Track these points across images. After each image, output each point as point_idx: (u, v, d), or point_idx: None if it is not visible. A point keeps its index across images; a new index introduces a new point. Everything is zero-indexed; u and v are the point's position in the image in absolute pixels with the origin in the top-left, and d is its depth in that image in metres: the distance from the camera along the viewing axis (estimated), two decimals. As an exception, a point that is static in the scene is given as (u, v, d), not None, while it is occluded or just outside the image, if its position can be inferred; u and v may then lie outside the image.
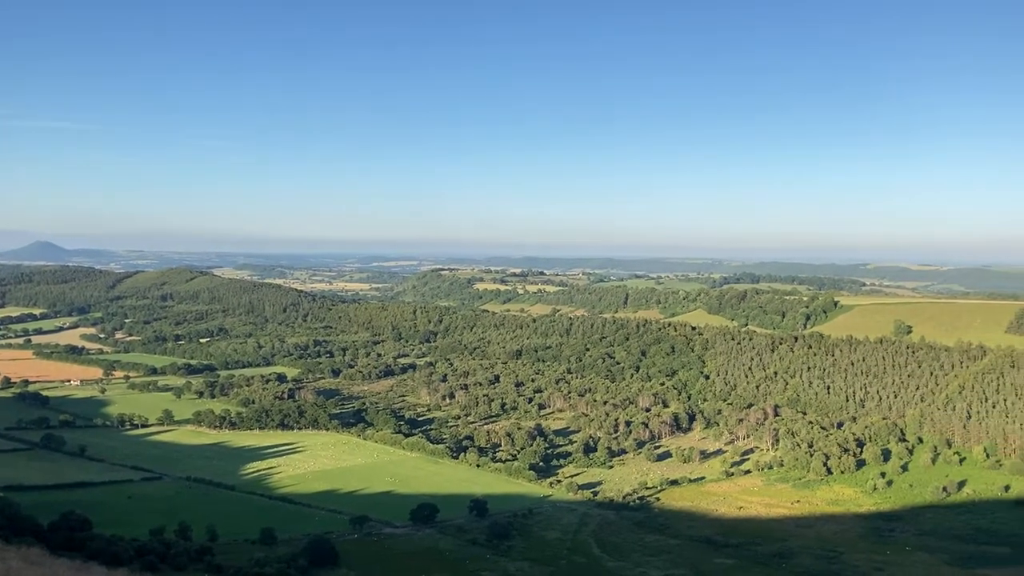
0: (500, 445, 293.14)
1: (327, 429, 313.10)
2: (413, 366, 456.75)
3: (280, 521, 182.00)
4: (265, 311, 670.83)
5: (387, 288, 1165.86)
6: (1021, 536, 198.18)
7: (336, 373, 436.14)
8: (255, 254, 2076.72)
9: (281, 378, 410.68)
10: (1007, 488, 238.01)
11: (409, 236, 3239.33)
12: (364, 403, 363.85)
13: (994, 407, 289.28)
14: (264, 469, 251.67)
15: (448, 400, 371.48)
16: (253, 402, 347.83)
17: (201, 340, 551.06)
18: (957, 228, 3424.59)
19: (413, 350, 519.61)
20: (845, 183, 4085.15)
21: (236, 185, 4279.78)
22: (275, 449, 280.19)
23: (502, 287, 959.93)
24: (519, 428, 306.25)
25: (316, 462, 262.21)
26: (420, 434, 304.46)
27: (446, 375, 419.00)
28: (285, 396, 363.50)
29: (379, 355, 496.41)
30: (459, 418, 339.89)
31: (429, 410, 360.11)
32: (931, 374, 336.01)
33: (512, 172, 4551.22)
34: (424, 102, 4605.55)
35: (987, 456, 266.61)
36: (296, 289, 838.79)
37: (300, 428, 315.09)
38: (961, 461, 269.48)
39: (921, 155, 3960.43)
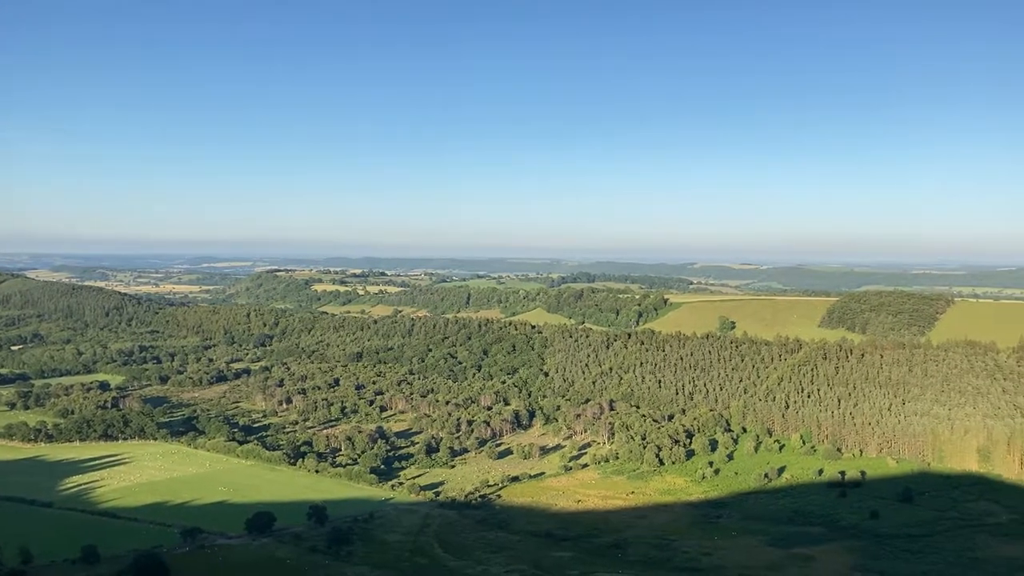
0: (340, 449, 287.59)
1: (155, 439, 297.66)
2: (248, 371, 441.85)
3: (104, 538, 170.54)
4: (85, 315, 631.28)
5: (219, 290, 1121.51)
6: (833, 516, 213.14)
7: (164, 380, 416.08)
8: (74, 255, 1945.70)
9: (104, 386, 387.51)
10: (820, 472, 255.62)
11: (242, 236, 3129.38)
12: (195, 410, 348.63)
13: (809, 397, 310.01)
14: (85, 483, 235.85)
15: (285, 405, 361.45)
16: (73, 412, 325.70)
17: (13, 347, 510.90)
18: (777, 229, 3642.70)
19: (247, 354, 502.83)
20: (673, 185, 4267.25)
21: (46, 181, 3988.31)
22: (98, 461, 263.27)
23: (342, 288, 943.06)
24: (360, 431, 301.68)
25: (143, 474, 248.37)
26: (256, 441, 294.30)
27: (283, 379, 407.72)
28: (108, 405, 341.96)
29: (211, 360, 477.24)
30: (297, 423, 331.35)
31: (265, 416, 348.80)
32: (753, 367, 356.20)
33: (358, 170, 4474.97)
34: (256, 98, 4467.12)
35: (803, 443, 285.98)
36: (120, 292, 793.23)
37: (126, 438, 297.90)
38: (781, 448, 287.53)
39: (742, 160, 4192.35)
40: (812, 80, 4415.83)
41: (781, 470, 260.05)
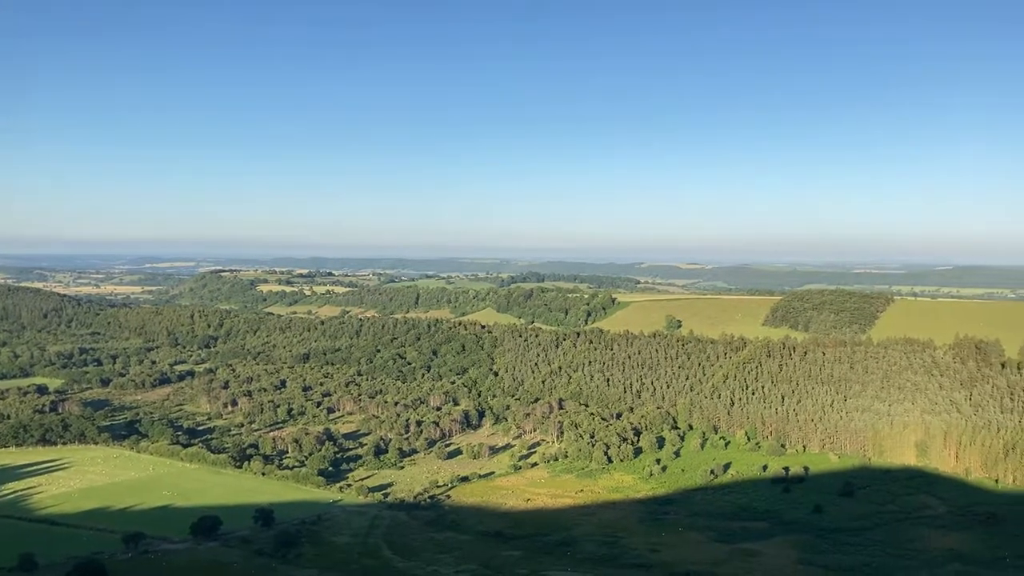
0: (287, 452, 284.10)
1: (96, 443, 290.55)
2: (192, 373, 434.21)
3: (42, 545, 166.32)
4: (22, 317, 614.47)
5: (162, 291, 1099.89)
6: (777, 511, 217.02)
7: (106, 383, 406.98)
8: (9, 255, 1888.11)
9: (41, 389, 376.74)
10: (765, 468, 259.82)
11: (185, 236, 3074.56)
12: (138, 413, 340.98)
13: (753, 394, 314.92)
14: (22, 490, 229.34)
15: (230, 407, 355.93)
16: (8, 417, 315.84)
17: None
18: (720, 230, 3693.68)
19: (191, 356, 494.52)
20: (624, 186, 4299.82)
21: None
22: (35, 467, 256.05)
23: (288, 289, 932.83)
24: (307, 433, 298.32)
25: (84, 479, 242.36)
26: (200, 444, 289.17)
27: (228, 381, 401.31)
28: (46, 409, 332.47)
29: (154, 362, 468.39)
30: (242, 426, 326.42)
31: (210, 418, 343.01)
32: (699, 365, 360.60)
33: (304, 170, 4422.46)
34: (199, 98, 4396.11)
35: (748, 439, 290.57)
36: (59, 293, 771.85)
37: (65, 443, 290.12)
38: (726, 445, 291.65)
39: (689, 162, 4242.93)
40: (753, 83, 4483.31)
41: (727, 466, 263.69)
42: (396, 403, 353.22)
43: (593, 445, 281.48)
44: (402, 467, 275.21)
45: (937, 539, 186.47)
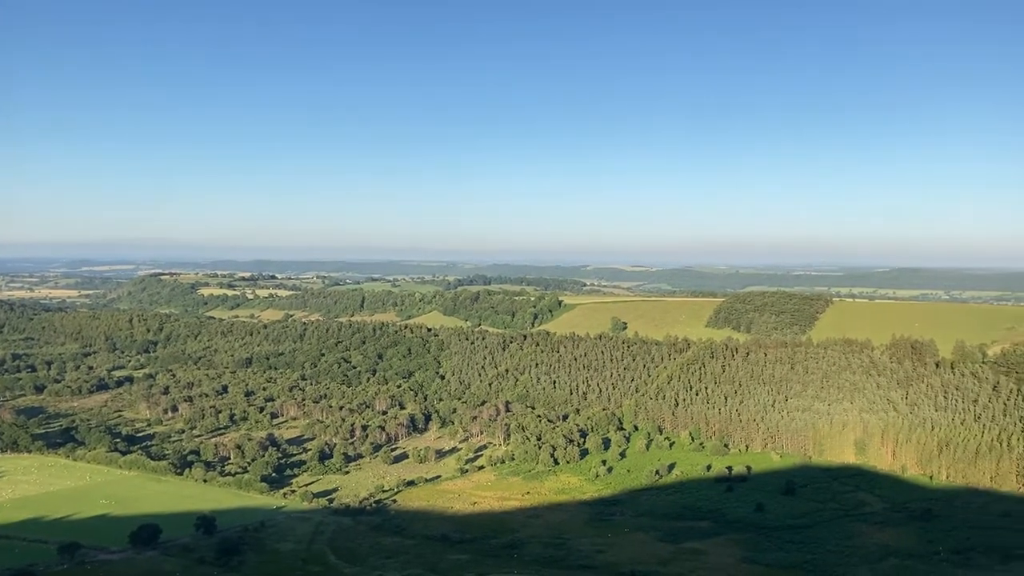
0: (229, 458, 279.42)
1: (29, 451, 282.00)
2: (130, 379, 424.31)
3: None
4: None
5: (99, 295, 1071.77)
6: (721, 510, 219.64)
7: (40, 389, 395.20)
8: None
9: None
10: (709, 467, 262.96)
11: (124, 238, 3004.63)
12: (74, 420, 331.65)
13: (697, 395, 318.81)
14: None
15: (171, 413, 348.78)
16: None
17: None
18: (664, 233, 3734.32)
19: (130, 361, 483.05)
20: (559, 190, 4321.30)
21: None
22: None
23: (230, 292, 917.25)
24: (250, 439, 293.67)
25: (16, 488, 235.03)
26: (140, 451, 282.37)
27: (168, 387, 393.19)
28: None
29: (91, 368, 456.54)
30: (183, 432, 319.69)
31: (150, 425, 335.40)
32: (644, 366, 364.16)
33: (246, 169, 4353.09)
34: (132, 96, 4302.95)
35: (692, 439, 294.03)
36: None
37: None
38: (671, 445, 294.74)
39: (633, 166, 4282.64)
40: (691, 87, 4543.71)
41: (671, 467, 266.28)
42: (341, 407, 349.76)
43: (540, 447, 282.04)
44: (347, 472, 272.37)
45: (875, 535, 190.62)
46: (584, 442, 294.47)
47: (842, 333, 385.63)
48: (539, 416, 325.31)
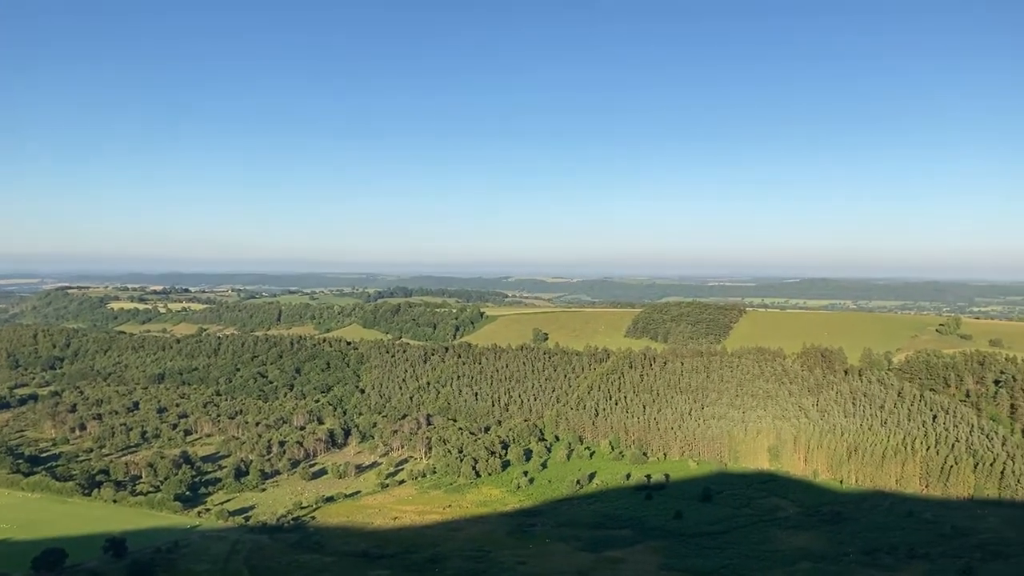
0: (141, 477, 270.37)
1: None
2: (35, 396, 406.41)
3: None
4: None
5: (0, 310, 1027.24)
6: (640, 518, 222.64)
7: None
8: None
9: None
10: (628, 476, 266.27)
11: (28, 251, 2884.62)
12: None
13: (617, 404, 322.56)
14: None
15: (78, 432, 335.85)
16: None
17: None
18: (583, 244, 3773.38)
19: (34, 379, 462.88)
20: (481, 200, 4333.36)
21: None
22: None
23: (141, 306, 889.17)
24: (162, 457, 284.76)
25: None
26: (44, 472, 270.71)
27: (75, 404, 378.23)
28: None
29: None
30: (92, 451, 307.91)
31: (55, 444, 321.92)
32: (565, 377, 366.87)
33: (154, 178, 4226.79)
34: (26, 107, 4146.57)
35: (612, 448, 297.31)
36: None
37: None
38: (592, 455, 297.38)
39: (552, 179, 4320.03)
40: (608, 105, 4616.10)
41: (592, 476, 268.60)
42: (258, 423, 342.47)
43: (461, 460, 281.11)
44: (264, 489, 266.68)
45: (788, 539, 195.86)
46: (506, 454, 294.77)
47: (755, 342, 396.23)
48: (461, 429, 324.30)
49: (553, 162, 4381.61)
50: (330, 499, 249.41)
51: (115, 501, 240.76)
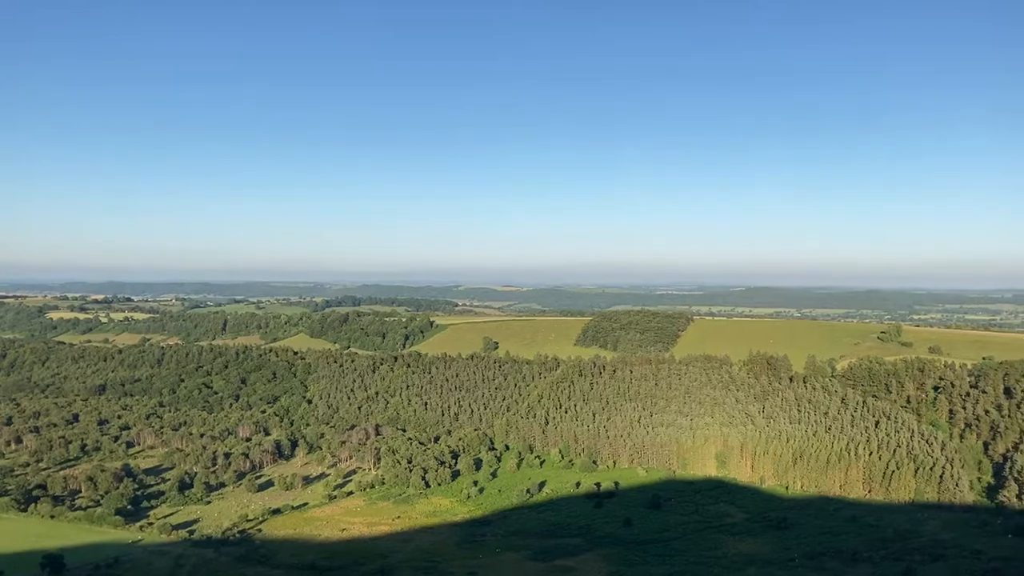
0: (80, 491, 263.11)
1: None
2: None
3: None
4: None
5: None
6: (590, 526, 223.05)
7: None
8: None
9: None
10: (578, 484, 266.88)
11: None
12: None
13: (566, 412, 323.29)
14: None
15: (14, 446, 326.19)
16: None
17: None
18: (534, 252, 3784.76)
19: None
20: (436, 210, 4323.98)
21: None
22: None
23: (82, 315, 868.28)
24: (103, 470, 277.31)
25: None
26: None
27: (11, 417, 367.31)
28: None
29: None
30: (28, 465, 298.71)
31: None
32: (515, 386, 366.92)
33: (94, 184, 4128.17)
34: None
35: (562, 457, 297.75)
36: None
37: None
38: (542, 463, 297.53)
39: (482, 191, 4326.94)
40: (563, 113, 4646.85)
41: (542, 485, 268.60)
42: (202, 435, 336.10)
43: (411, 470, 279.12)
44: (209, 502, 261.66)
45: (736, 545, 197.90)
46: (456, 463, 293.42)
47: (703, 350, 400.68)
48: (410, 439, 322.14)
49: (502, 172, 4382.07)
50: (277, 511, 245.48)
51: (53, 516, 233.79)
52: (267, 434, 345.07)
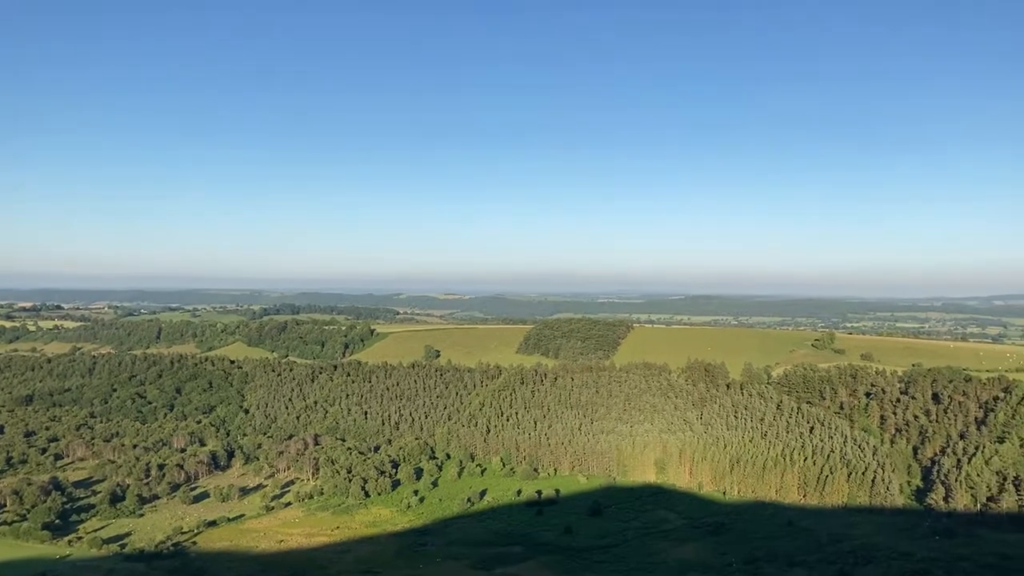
0: (5, 505, 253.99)
1: None
2: None
3: None
4: None
5: None
6: (531, 534, 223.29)
7: None
8: None
9: None
10: (519, 492, 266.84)
11: None
12: None
13: (508, 420, 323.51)
14: None
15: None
16: None
17: None
18: (475, 260, 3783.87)
19: None
20: (377, 217, 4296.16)
21: None
22: None
23: (8, 324, 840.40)
24: (29, 483, 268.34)
25: None
26: None
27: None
28: None
29: None
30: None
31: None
32: (456, 394, 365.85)
33: (22, 189, 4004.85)
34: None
35: (504, 465, 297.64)
36: None
37: None
38: (483, 472, 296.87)
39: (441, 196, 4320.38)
40: (492, 127, 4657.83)
41: (483, 493, 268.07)
42: (135, 446, 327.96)
43: (350, 480, 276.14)
44: (142, 515, 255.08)
45: (675, 551, 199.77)
46: (396, 473, 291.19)
47: (643, 357, 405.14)
48: (350, 448, 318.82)
49: (443, 182, 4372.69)
50: (212, 523, 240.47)
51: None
52: (203, 445, 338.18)
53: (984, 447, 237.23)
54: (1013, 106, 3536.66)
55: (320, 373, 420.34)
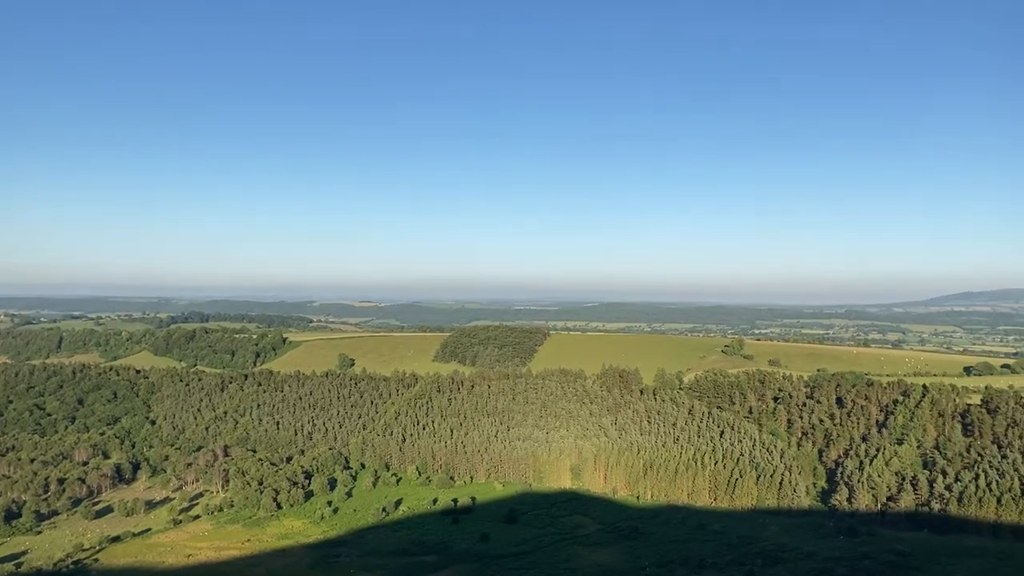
0: None
1: None
2: None
3: None
4: None
5: None
6: (447, 542, 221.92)
7: None
8: None
9: None
10: (435, 501, 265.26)
11: None
12: None
13: (424, 429, 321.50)
14: None
15: None
16: None
17: None
18: (391, 268, 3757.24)
19: None
20: (297, 226, 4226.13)
21: None
22: None
23: None
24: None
25: None
26: None
27: None
28: None
29: None
30: None
31: None
32: (372, 403, 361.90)
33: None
34: None
35: (419, 474, 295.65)
36: None
37: None
38: (398, 481, 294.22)
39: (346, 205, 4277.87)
40: (419, 133, 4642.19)
41: (398, 503, 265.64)
42: (33, 460, 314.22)
43: (261, 492, 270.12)
44: (40, 532, 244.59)
45: (590, 556, 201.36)
46: (309, 484, 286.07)
47: (559, 364, 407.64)
48: (261, 460, 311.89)
49: (359, 189, 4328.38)
50: (116, 539, 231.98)
51: None
52: (107, 457, 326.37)
53: (884, 449, 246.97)
54: (904, 124, 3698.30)
55: (230, 383, 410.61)
